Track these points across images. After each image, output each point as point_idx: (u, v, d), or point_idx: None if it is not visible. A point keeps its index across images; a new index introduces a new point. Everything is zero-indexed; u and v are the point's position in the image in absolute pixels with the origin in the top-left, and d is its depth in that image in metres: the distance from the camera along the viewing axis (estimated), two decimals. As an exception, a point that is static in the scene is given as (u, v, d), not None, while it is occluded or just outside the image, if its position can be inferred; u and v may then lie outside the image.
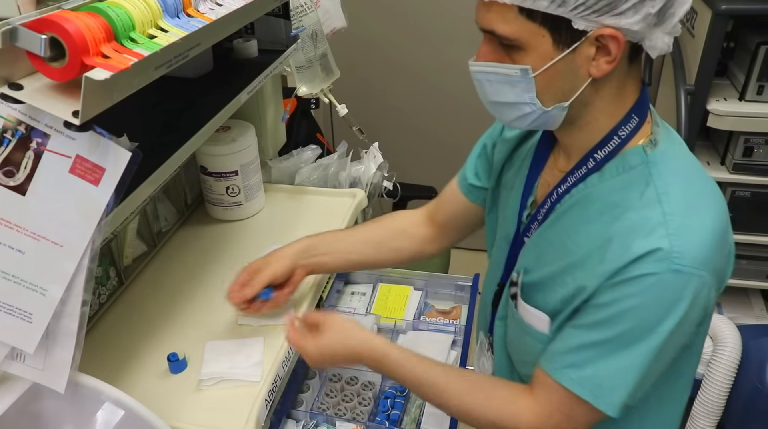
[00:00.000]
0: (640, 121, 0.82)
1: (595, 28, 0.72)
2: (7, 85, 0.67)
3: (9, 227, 0.71)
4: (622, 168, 0.82)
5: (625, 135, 0.81)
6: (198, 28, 0.82)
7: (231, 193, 1.40)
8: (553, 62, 0.75)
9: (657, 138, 0.82)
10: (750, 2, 1.70)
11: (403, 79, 2.71)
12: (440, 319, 1.39)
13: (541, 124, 0.82)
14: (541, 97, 0.78)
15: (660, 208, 0.76)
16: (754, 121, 1.78)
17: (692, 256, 0.74)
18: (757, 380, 1.71)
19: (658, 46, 0.75)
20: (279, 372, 1.04)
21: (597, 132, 0.82)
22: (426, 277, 1.49)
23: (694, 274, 0.74)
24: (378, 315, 1.37)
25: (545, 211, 0.89)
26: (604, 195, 0.82)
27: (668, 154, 0.81)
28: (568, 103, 0.78)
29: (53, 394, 0.79)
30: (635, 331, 0.76)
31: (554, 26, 0.73)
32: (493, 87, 0.80)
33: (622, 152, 0.82)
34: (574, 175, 0.85)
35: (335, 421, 1.14)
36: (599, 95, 0.79)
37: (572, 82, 0.77)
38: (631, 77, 0.80)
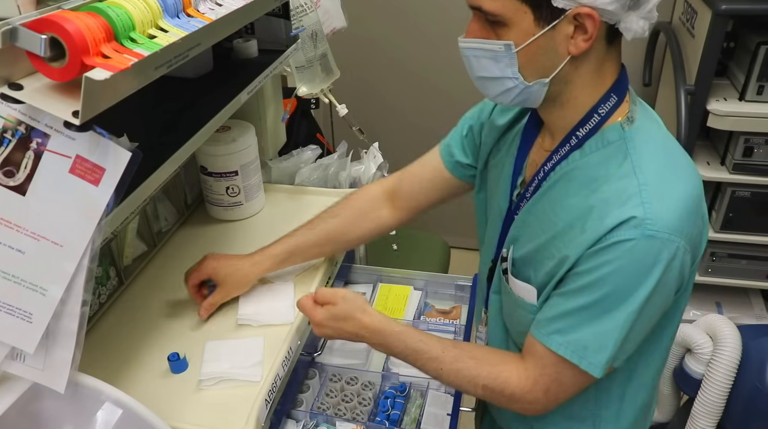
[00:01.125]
0: (618, 99, 0.86)
1: (573, 7, 0.77)
2: (7, 85, 0.67)
3: (9, 227, 0.71)
4: (601, 143, 0.86)
5: (605, 113, 0.86)
6: (198, 28, 0.82)
7: (231, 193, 1.40)
8: (534, 38, 0.80)
9: (634, 115, 0.87)
10: (750, 2, 1.70)
11: (403, 79, 2.71)
12: (440, 319, 1.39)
13: (524, 99, 0.87)
14: (523, 71, 0.83)
15: (635, 179, 0.81)
16: (754, 121, 1.78)
17: (665, 223, 0.79)
18: (757, 380, 1.71)
19: (632, 29, 0.80)
20: (279, 372, 1.04)
21: (577, 110, 0.87)
22: (426, 277, 1.49)
23: (667, 239, 0.79)
24: None
25: (533, 189, 0.94)
26: (585, 169, 0.87)
27: (644, 130, 0.86)
28: (549, 79, 0.83)
29: (53, 394, 0.79)
30: (615, 295, 0.82)
31: (536, 3, 0.78)
32: (480, 62, 0.85)
33: (601, 129, 0.87)
34: (558, 153, 0.90)
35: (335, 421, 1.14)
36: (578, 73, 0.84)
37: (552, 59, 0.82)
38: (609, 58, 0.85)
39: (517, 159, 0.99)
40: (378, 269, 1.52)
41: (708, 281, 2.12)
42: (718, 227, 1.99)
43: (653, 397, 1.04)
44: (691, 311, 2.21)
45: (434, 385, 1.23)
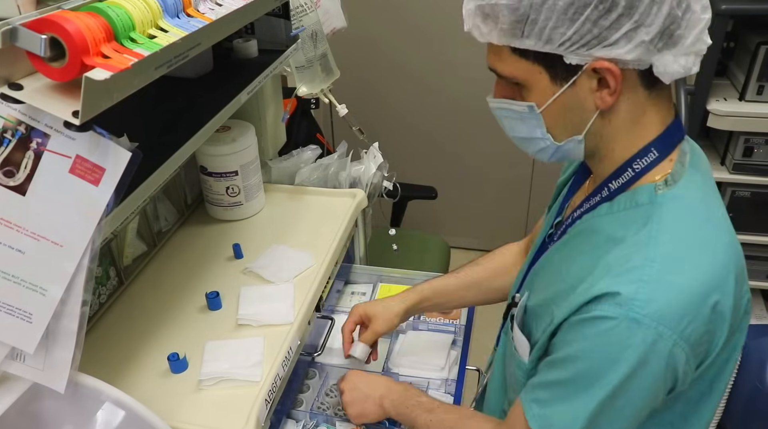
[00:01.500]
0: (659, 156, 0.78)
1: (589, 61, 0.71)
2: (7, 85, 0.67)
3: (9, 227, 0.71)
4: (629, 203, 0.79)
5: (640, 168, 0.78)
6: (198, 28, 0.82)
7: (231, 193, 1.40)
8: (554, 97, 0.75)
9: (675, 178, 0.77)
10: (750, 2, 1.70)
11: (403, 79, 2.71)
12: (440, 319, 1.39)
13: (563, 156, 0.82)
14: (552, 131, 0.78)
15: (645, 250, 0.73)
16: (754, 121, 1.78)
17: (656, 310, 0.69)
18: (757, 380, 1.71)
19: (669, 71, 0.72)
20: (279, 372, 1.04)
21: (613, 163, 0.80)
22: (426, 277, 1.48)
23: (652, 328, 0.69)
24: None
25: (559, 234, 0.89)
26: (606, 228, 0.79)
27: (679, 198, 0.76)
28: (582, 135, 0.77)
29: (53, 394, 0.79)
30: (586, 376, 0.74)
31: (548, 63, 0.73)
32: (509, 122, 0.82)
33: (634, 187, 0.79)
34: (590, 202, 0.84)
35: (335, 421, 1.14)
36: (612, 125, 0.77)
37: (580, 115, 0.76)
38: (652, 106, 0.76)
39: (564, 199, 0.95)
40: (378, 269, 1.52)
41: (708, 281, 2.12)
42: (718, 227, 1.99)
43: None
44: (691, 311, 2.20)
45: (434, 385, 1.23)
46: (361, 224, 1.54)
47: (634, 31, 0.69)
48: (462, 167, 2.81)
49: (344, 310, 1.41)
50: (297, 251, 1.32)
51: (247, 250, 1.33)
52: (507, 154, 2.71)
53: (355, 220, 1.49)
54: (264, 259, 1.30)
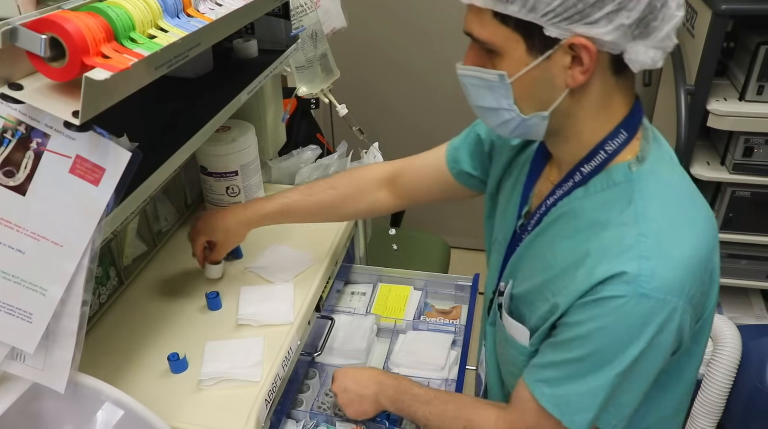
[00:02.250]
0: (629, 136, 0.80)
1: (567, 37, 0.71)
2: (7, 85, 0.67)
3: (9, 227, 0.71)
4: (606, 184, 0.80)
5: (612, 150, 0.80)
6: (198, 28, 0.82)
7: (231, 193, 1.40)
8: (527, 69, 0.74)
9: (644, 154, 0.80)
10: (750, 2, 1.70)
11: (403, 79, 2.71)
12: (440, 319, 1.39)
13: (523, 132, 0.81)
14: (519, 103, 0.78)
15: (636, 228, 0.75)
16: (754, 121, 1.78)
17: (662, 282, 0.72)
18: (757, 380, 1.71)
19: (639, 60, 0.73)
20: (279, 372, 1.04)
21: (582, 145, 0.81)
22: (426, 277, 1.49)
23: (662, 299, 0.73)
24: (378, 315, 1.37)
25: (534, 222, 0.89)
26: (587, 211, 0.81)
27: (654, 173, 0.79)
28: (548, 112, 0.78)
29: (53, 394, 0.79)
30: (602, 354, 0.77)
31: (527, 32, 0.73)
32: (476, 91, 0.81)
33: (608, 167, 0.81)
34: (562, 188, 0.85)
35: (335, 421, 1.14)
36: (581, 106, 0.78)
37: (549, 92, 0.76)
38: (618, 90, 0.78)
39: (525, 187, 0.95)
40: (378, 269, 1.52)
41: (708, 281, 2.12)
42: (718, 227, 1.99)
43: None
44: (691, 311, 2.21)
45: (434, 385, 1.23)
46: (361, 224, 1.54)
47: (616, 13, 0.70)
48: (462, 167, 2.81)
49: (344, 310, 1.41)
50: (297, 251, 1.32)
51: (247, 250, 1.33)
52: (507, 154, 2.71)
53: (355, 220, 1.49)
54: (264, 259, 1.30)
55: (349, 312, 1.40)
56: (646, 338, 0.74)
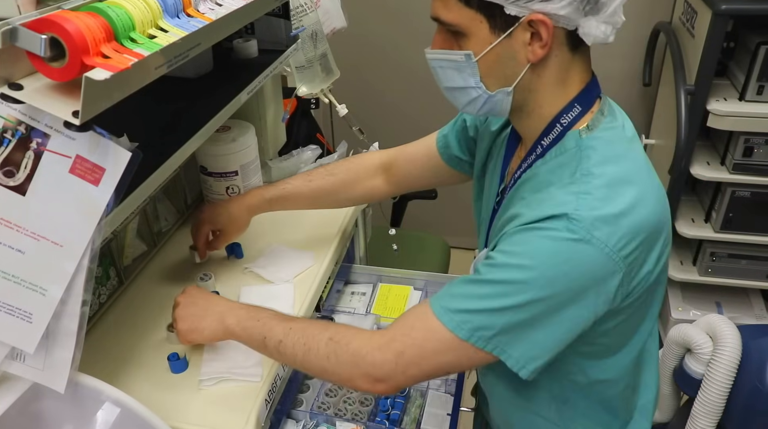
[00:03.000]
0: (583, 109, 0.85)
1: (526, 14, 0.77)
2: (7, 85, 0.67)
3: (9, 227, 0.71)
4: (558, 151, 0.85)
5: (567, 122, 0.85)
6: (198, 28, 0.82)
7: (231, 193, 1.40)
8: (491, 46, 0.80)
9: (596, 123, 0.84)
10: (750, 2, 1.70)
11: (403, 79, 2.71)
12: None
13: (490, 109, 0.87)
14: (485, 80, 0.83)
15: (579, 186, 0.79)
16: (754, 121, 1.78)
17: (600, 233, 0.75)
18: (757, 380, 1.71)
19: (592, 34, 0.78)
20: (279, 372, 1.04)
21: (542, 119, 0.86)
22: (426, 277, 1.49)
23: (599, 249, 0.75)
24: (378, 315, 1.37)
25: (506, 196, 0.94)
26: (541, 174, 0.86)
27: (603, 139, 0.83)
28: (512, 87, 0.83)
29: (53, 394, 0.79)
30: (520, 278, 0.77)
31: (489, 12, 0.78)
32: (445, 73, 0.86)
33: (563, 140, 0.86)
34: (526, 162, 0.89)
35: (335, 421, 1.14)
36: (541, 81, 0.83)
37: (512, 67, 0.82)
38: (575, 65, 0.84)
39: (501, 167, 0.99)
40: (378, 269, 1.52)
41: (708, 281, 2.12)
42: (718, 227, 1.99)
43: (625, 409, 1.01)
44: (691, 311, 2.21)
45: (434, 385, 1.23)
46: (361, 224, 1.54)
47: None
48: (462, 167, 2.81)
49: (344, 310, 1.41)
50: (297, 251, 1.32)
51: (247, 250, 1.33)
52: (507, 154, 2.71)
53: (355, 220, 1.49)
54: (264, 259, 1.30)
55: (349, 312, 1.40)
56: (574, 282, 0.76)
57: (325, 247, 1.32)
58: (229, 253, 1.32)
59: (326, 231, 1.37)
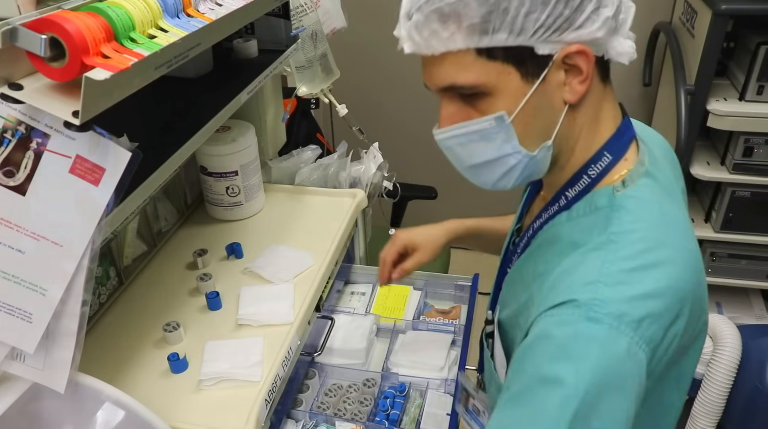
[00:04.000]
0: (613, 159, 0.75)
1: (559, 49, 0.67)
2: (7, 85, 0.67)
3: (9, 227, 0.71)
4: (588, 208, 0.75)
5: (595, 175, 0.75)
6: (198, 28, 0.82)
7: (231, 193, 1.40)
8: (526, 98, 0.69)
9: (633, 178, 0.74)
10: (750, 2, 1.70)
11: (403, 79, 2.70)
12: (440, 319, 1.39)
13: (530, 174, 0.75)
14: (524, 141, 0.71)
15: (604, 253, 0.68)
16: (754, 121, 1.78)
17: (616, 311, 0.64)
18: (757, 380, 1.71)
19: (626, 52, 0.71)
20: (279, 372, 1.04)
21: (571, 169, 0.76)
22: (426, 277, 1.49)
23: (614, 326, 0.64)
24: (378, 315, 1.38)
25: (523, 245, 0.84)
26: (567, 235, 0.75)
27: (638, 199, 0.72)
28: (552, 140, 0.72)
29: (53, 394, 0.79)
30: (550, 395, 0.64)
31: (518, 59, 0.67)
32: (467, 149, 0.73)
33: (592, 191, 0.75)
34: (547, 212, 0.80)
35: (335, 421, 1.14)
36: (577, 124, 0.73)
37: (550, 116, 0.71)
38: (607, 100, 0.75)
39: (523, 205, 0.91)
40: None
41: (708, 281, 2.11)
42: (718, 227, 1.99)
43: None
44: (691, 311, 2.20)
45: (433, 385, 1.23)
46: (361, 224, 1.54)
47: (597, 11, 0.67)
48: (462, 167, 2.81)
49: (344, 310, 1.41)
50: (297, 251, 1.32)
51: (247, 250, 1.33)
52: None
53: (355, 220, 1.49)
54: (264, 259, 1.30)
55: (349, 312, 1.40)
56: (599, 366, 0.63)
57: (325, 247, 1.32)
58: (229, 253, 1.32)
59: (326, 231, 1.37)
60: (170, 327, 1.09)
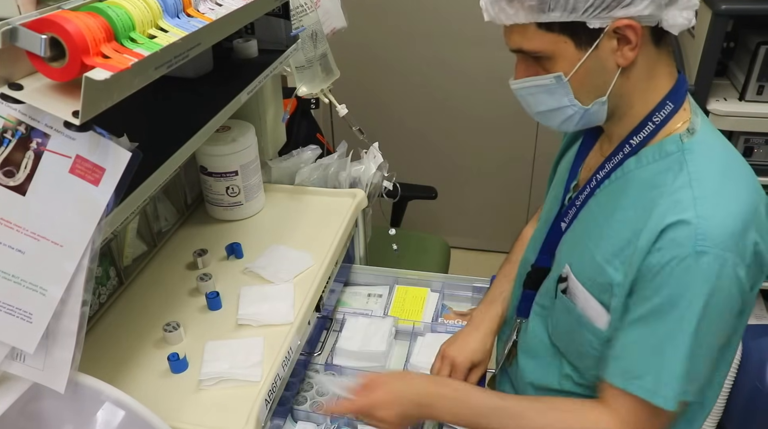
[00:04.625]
0: (674, 107, 0.85)
1: (609, 23, 0.78)
2: (7, 85, 0.67)
3: (9, 227, 0.71)
4: (659, 154, 0.85)
5: (659, 121, 0.85)
6: (198, 28, 0.82)
7: (231, 193, 1.40)
8: (580, 63, 0.81)
9: (695, 127, 0.85)
10: (750, 2, 1.70)
11: (403, 80, 2.71)
12: (458, 322, 1.36)
13: (587, 121, 0.88)
14: (579, 96, 0.85)
15: (690, 191, 0.79)
16: (754, 121, 1.78)
17: (716, 237, 0.76)
18: (757, 380, 1.71)
19: (678, 23, 0.79)
20: (279, 372, 1.04)
21: (634, 119, 0.87)
22: (442, 279, 1.47)
23: (718, 255, 0.76)
24: (396, 317, 1.36)
25: (584, 196, 0.94)
26: (642, 179, 0.86)
27: (705, 143, 0.84)
28: (606, 96, 0.84)
29: (53, 394, 0.79)
30: (670, 322, 0.79)
31: (572, 31, 0.79)
32: (535, 98, 0.87)
33: (659, 140, 0.86)
34: (612, 161, 0.90)
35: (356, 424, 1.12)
36: (631, 83, 0.84)
37: (603, 76, 0.83)
38: (661, 62, 0.85)
39: (574, 162, 1.00)
40: (394, 271, 1.50)
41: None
42: (718, 227, 1.99)
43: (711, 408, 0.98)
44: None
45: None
46: (361, 224, 1.54)
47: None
48: (462, 167, 2.81)
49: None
50: (297, 251, 1.32)
51: (247, 250, 1.33)
52: (507, 154, 2.71)
53: (355, 220, 1.49)
54: (264, 259, 1.30)
55: (367, 314, 1.38)
56: (706, 294, 0.77)
57: (325, 247, 1.32)
58: (229, 253, 1.32)
59: (326, 231, 1.37)
60: (170, 327, 1.09)
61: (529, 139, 2.64)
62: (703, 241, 0.76)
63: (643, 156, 0.86)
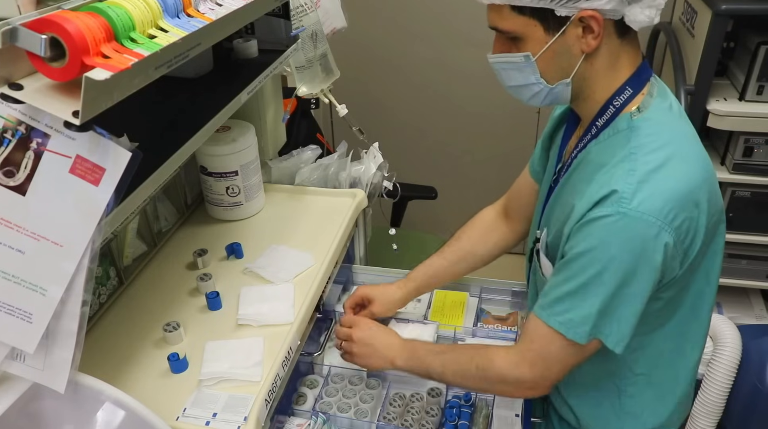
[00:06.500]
0: (634, 92, 0.93)
1: (575, 12, 0.86)
2: (7, 85, 0.67)
3: (9, 227, 0.71)
4: (611, 132, 0.93)
5: (619, 104, 0.93)
6: (198, 28, 0.82)
7: (231, 193, 1.40)
8: (547, 46, 0.89)
9: (646, 105, 0.92)
10: (750, 2, 1.70)
11: (403, 80, 2.70)
12: (498, 327, 1.35)
13: (553, 99, 0.96)
14: (545, 76, 0.93)
15: (627, 163, 0.87)
16: (754, 121, 1.78)
17: (644, 204, 0.83)
18: (757, 380, 1.71)
19: (638, 20, 0.86)
20: (279, 372, 1.04)
21: (597, 103, 0.95)
22: (480, 283, 1.44)
23: (643, 219, 0.83)
24: (438, 322, 1.34)
25: (562, 178, 1.02)
26: (596, 156, 0.94)
27: (652, 120, 0.91)
28: (570, 78, 0.92)
29: (53, 394, 0.79)
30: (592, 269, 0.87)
31: (542, 16, 0.88)
32: (507, 73, 0.96)
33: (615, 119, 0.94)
34: (582, 142, 0.98)
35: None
36: (594, 69, 0.92)
37: (568, 60, 0.91)
38: (624, 51, 0.92)
39: (560, 146, 1.08)
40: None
41: (708, 281, 2.11)
42: (718, 227, 1.99)
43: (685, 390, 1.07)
44: (691, 311, 2.20)
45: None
46: (361, 224, 1.54)
47: None
48: (462, 167, 2.81)
49: (402, 318, 1.37)
50: (297, 251, 1.32)
51: (247, 250, 1.33)
52: (507, 154, 2.71)
53: (355, 220, 1.49)
54: (264, 259, 1.30)
55: (406, 320, 1.35)
56: (632, 253, 0.85)
57: (325, 248, 1.32)
58: (229, 253, 1.32)
59: (326, 231, 1.38)
60: (170, 327, 1.09)
61: (529, 139, 2.64)
62: (627, 205, 0.83)
63: (601, 135, 0.94)
